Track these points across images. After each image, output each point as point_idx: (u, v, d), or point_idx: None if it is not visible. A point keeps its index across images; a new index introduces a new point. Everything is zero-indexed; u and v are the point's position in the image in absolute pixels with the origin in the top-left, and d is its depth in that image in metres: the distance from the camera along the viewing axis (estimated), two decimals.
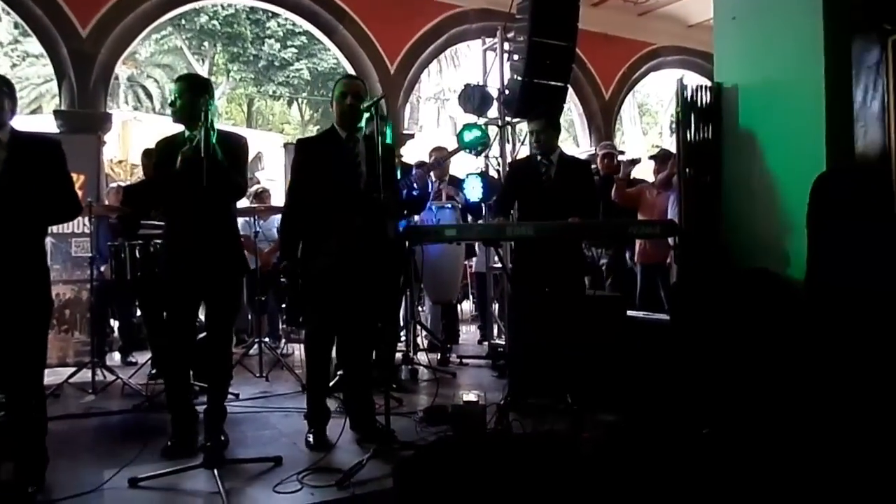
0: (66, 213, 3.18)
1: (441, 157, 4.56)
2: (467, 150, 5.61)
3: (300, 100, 20.67)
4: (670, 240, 5.11)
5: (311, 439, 3.58)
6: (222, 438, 3.49)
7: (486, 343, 6.32)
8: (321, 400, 3.72)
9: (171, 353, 3.61)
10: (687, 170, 4.09)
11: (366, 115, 3.54)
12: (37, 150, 3.03)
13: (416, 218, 5.54)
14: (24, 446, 2.98)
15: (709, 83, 4.34)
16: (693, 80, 6.10)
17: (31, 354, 2.99)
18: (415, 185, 3.62)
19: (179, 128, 3.52)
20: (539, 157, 4.51)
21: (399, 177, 4.67)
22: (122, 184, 6.49)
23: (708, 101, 4.16)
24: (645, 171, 6.72)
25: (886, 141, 2.35)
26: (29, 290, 2.96)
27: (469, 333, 7.62)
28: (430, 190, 4.27)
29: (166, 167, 3.40)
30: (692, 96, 4.13)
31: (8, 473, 2.94)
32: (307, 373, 3.76)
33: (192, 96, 3.38)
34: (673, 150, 5.01)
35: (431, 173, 5.64)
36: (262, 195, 6.84)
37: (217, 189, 3.24)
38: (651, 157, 6.38)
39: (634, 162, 6.14)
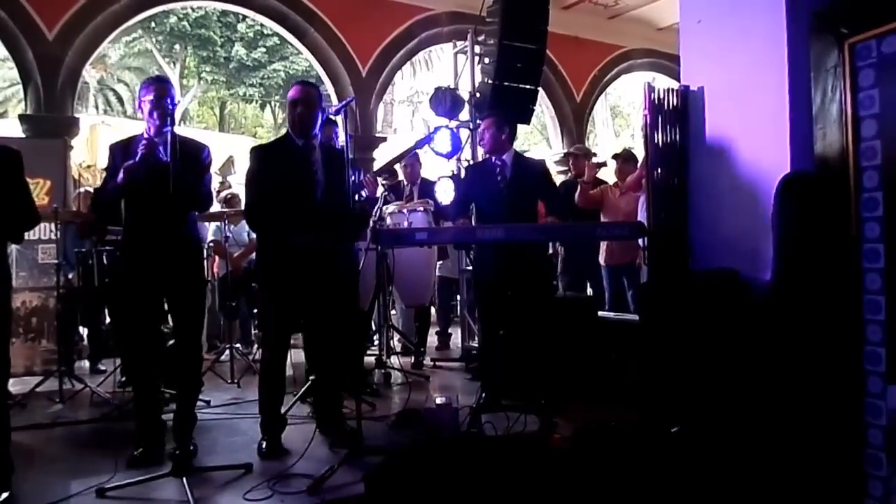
0: (23, 224, 3.17)
1: (389, 163, 4.55)
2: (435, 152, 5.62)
3: (273, 103, 20.54)
4: (640, 241, 5.16)
5: (264, 446, 3.54)
6: (191, 446, 3.47)
7: (459, 346, 6.34)
8: (276, 408, 3.69)
9: (137, 360, 3.56)
10: (655, 172, 4.13)
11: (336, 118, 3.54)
12: None
13: (388, 221, 5.54)
14: None
15: (677, 85, 4.39)
16: (663, 82, 6.18)
17: None
18: (363, 189, 3.65)
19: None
20: (492, 160, 4.49)
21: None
22: (90, 189, 6.39)
23: (675, 103, 4.20)
24: (609, 173, 6.76)
25: (844, 143, 2.39)
26: None
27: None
28: (376, 195, 4.27)
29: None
30: (659, 99, 4.17)
31: None
32: (262, 380, 3.72)
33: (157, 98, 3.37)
34: (641, 152, 5.05)
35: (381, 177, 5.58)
36: (231, 200, 6.78)
37: (180, 198, 3.21)
38: (614, 157, 6.42)
39: (600, 165, 6.18)
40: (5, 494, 2.90)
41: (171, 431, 3.50)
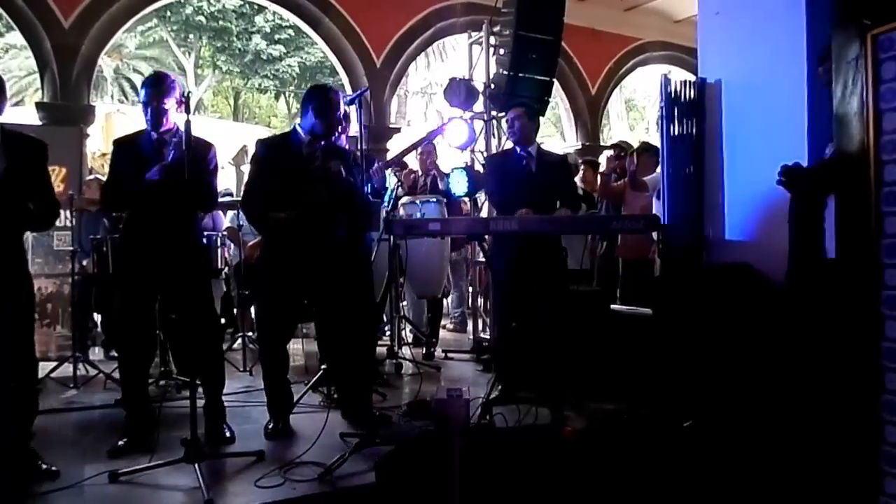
0: (48, 220, 3.24)
1: (400, 155, 4.60)
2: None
3: (287, 93, 20.57)
4: (654, 234, 5.12)
5: (269, 426, 3.64)
6: (227, 434, 3.52)
7: (470, 337, 6.33)
8: (280, 388, 3.76)
9: (126, 349, 3.57)
10: (669, 165, 4.10)
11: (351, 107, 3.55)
12: (27, 150, 3.06)
13: (401, 212, 5.53)
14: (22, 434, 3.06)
15: (693, 78, 4.35)
16: (679, 75, 6.13)
17: (24, 347, 3.15)
18: (373, 179, 3.69)
19: None
20: (518, 150, 4.49)
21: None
22: (101, 177, 6.42)
23: (691, 96, 4.16)
24: None
25: (865, 136, 2.35)
26: (14, 286, 3.02)
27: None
28: (386, 185, 4.30)
29: (134, 168, 3.34)
30: (676, 91, 4.14)
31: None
32: (263, 362, 3.83)
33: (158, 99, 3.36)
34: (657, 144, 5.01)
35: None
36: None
37: (186, 194, 3.22)
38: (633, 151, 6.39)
39: (618, 157, 6.15)
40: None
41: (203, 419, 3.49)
